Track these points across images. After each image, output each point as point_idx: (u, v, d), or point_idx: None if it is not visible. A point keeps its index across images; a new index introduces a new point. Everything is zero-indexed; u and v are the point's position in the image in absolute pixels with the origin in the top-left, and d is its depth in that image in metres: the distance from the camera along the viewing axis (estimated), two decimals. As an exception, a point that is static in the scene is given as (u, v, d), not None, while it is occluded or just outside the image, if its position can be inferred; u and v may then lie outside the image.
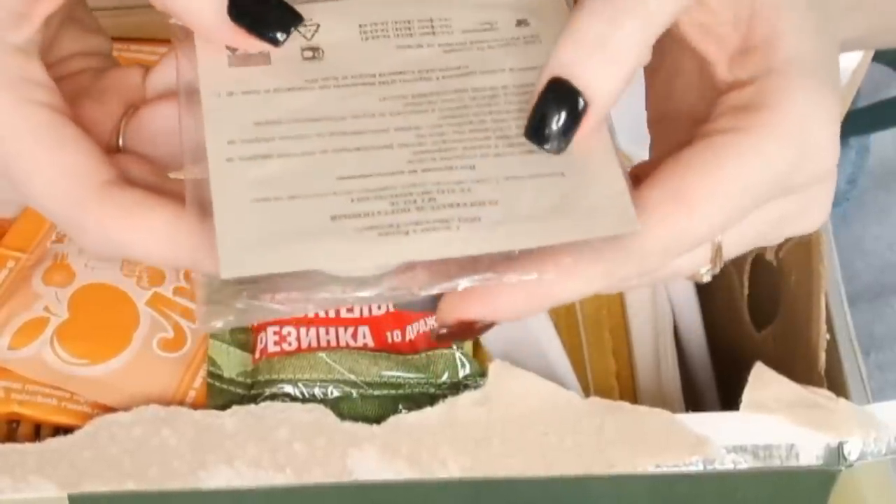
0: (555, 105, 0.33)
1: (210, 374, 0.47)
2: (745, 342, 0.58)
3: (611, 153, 0.34)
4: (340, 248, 0.32)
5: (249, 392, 0.47)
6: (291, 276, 0.33)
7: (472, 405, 0.43)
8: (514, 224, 0.32)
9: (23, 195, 0.35)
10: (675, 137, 0.35)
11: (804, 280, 0.50)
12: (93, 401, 0.46)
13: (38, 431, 0.47)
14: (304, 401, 0.45)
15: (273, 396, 0.46)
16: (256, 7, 0.35)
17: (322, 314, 0.49)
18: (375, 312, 0.49)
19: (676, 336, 0.60)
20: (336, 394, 0.46)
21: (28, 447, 0.42)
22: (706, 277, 0.37)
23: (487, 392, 0.43)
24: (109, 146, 0.37)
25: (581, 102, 0.33)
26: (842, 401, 0.44)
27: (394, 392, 0.47)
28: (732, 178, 0.33)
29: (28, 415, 0.47)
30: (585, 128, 0.33)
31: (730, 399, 0.46)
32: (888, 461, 0.45)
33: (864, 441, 0.43)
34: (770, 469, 0.43)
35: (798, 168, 0.34)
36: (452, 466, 0.42)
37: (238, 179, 0.33)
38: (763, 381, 0.44)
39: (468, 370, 0.47)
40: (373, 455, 0.42)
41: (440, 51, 0.36)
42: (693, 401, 0.60)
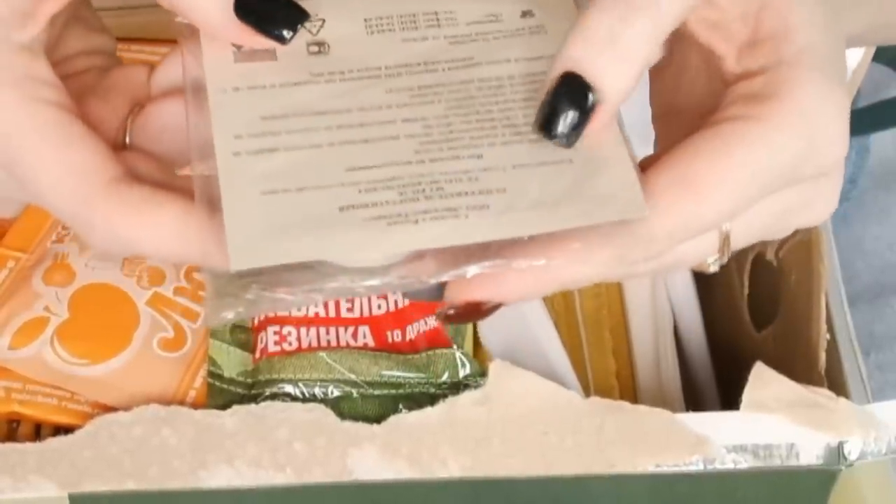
0: (566, 100, 0.33)
1: (210, 374, 0.47)
2: (745, 342, 0.58)
3: (619, 140, 0.34)
4: (349, 238, 0.32)
5: (250, 392, 0.47)
6: (300, 268, 0.33)
7: (473, 405, 0.43)
8: (523, 211, 0.32)
9: (30, 193, 0.35)
10: (681, 132, 0.35)
11: (804, 280, 0.50)
12: (93, 400, 0.46)
13: (39, 431, 0.47)
14: (305, 400, 0.46)
15: (273, 396, 0.46)
16: (263, 5, 0.35)
17: (322, 314, 0.49)
18: (376, 312, 0.49)
19: (676, 336, 0.60)
20: (336, 393, 0.46)
21: (28, 447, 0.42)
22: (713, 267, 0.37)
23: (488, 392, 0.43)
24: (116, 144, 0.37)
25: (592, 99, 0.33)
26: (842, 400, 0.44)
27: (394, 392, 0.47)
28: (741, 166, 0.33)
29: (28, 414, 0.47)
30: (596, 124, 0.33)
31: (730, 399, 0.46)
32: (888, 461, 0.45)
33: (865, 441, 0.43)
34: (770, 469, 0.43)
35: (806, 159, 0.34)
36: (453, 466, 0.42)
37: (246, 173, 0.33)
38: (763, 381, 0.44)
39: (468, 370, 0.47)
40: (373, 455, 0.42)
41: (446, 43, 0.36)
42: (693, 400, 0.60)
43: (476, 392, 0.43)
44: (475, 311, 0.34)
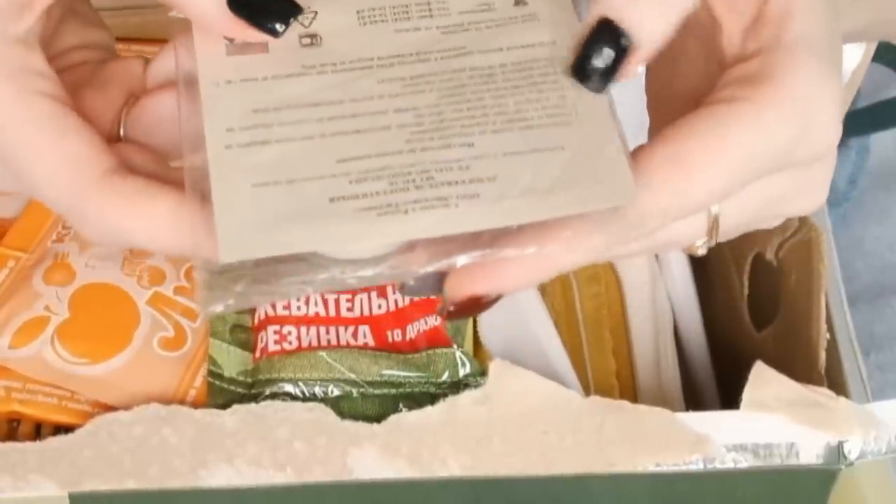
0: (602, 44, 0.34)
1: (210, 374, 0.47)
2: (745, 342, 0.58)
3: (611, 126, 0.34)
4: (339, 229, 0.32)
5: (250, 391, 0.47)
6: (292, 260, 0.33)
7: (473, 404, 0.43)
8: (513, 199, 0.32)
9: (25, 185, 0.35)
10: (676, 118, 0.35)
11: (804, 280, 0.50)
12: (93, 400, 0.46)
13: (39, 430, 0.47)
14: (305, 400, 0.46)
15: (273, 395, 0.46)
16: None
17: (322, 313, 0.49)
18: (376, 312, 0.49)
19: (676, 335, 0.60)
20: (336, 393, 0.46)
21: (29, 446, 0.42)
22: (701, 250, 0.37)
23: (488, 391, 0.43)
24: (110, 136, 0.37)
25: (625, 42, 0.33)
26: (842, 400, 0.44)
27: (394, 391, 0.47)
28: (733, 146, 0.33)
29: (29, 414, 0.47)
30: (629, 67, 0.34)
31: (730, 398, 0.46)
32: (888, 460, 0.45)
33: (865, 440, 0.43)
34: (770, 468, 0.43)
35: (799, 143, 0.34)
36: (453, 465, 0.42)
37: (237, 165, 0.33)
38: (763, 380, 0.44)
39: (468, 369, 0.47)
40: (373, 454, 0.42)
41: (438, 33, 0.36)
42: (693, 400, 0.60)
43: (476, 391, 0.43)
44: (476, 305, 0.34)
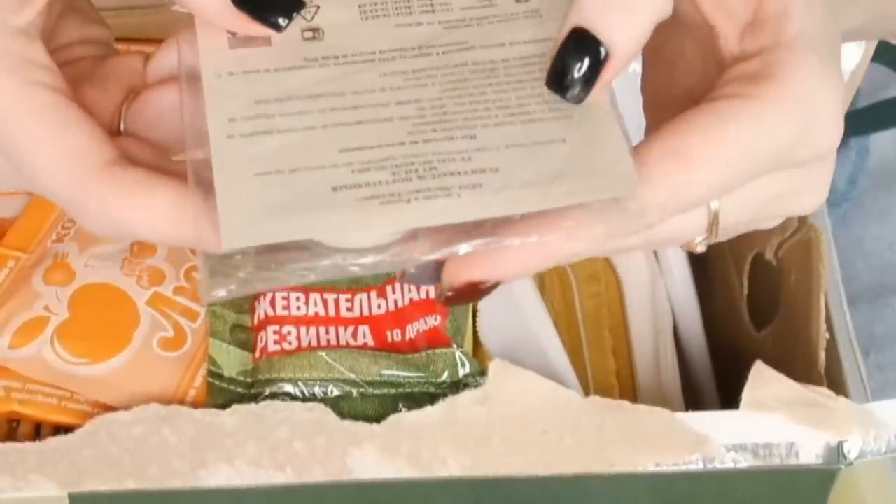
0: (576, 54, 0.34)
1: (210, 374, 0.47)
2: (745, 341, 0.58)
3: (612, 118, 0.34)
4: (342, 218, 0.32)
5: (249, 391, 0.47)
6: (294, 248, 0.33)
7: (472, 404, 0.43)
8: (515, 189, 0.32)
9: (25, 177, 0.35)
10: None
11: (804, 280, 0.50)
12: (93, 400, 0.46)
13: (39, 430, 0.47)
14: (305, 400, 0.46)
15: (273, 395, 0.46)
16: None
17: (322, 313, 0.49)
18: (376, 312, 0.49)
19: (676, 335, 0.61)
20: (336, 393, 0.46)
21: (28, 446, 0.42)
22: (701, 247, 0.37)
23: (487, 391, 0.43)
24: (111, 130, 0.37)
25: (602, 53, 0.33)
26: (842, 399, 0.44)
27: (394, 391, 0.47)
28: (734, 141, 0.33)
29: (28, 414, 0.47)
30: (606, 77, 0.34)
31: (730, 398, 0.46)
32: (888, 460, 0.45)
33: (864, 440, 0.43)
34: (770, 468, 0.43)
35: (800, 142, 0.34)
36: (452, 465, 0.42)
37: (239, 155, 0.33)
38: (763, 380, 0.44)
39: (468, 369, 0.47)
40: (373, 454, 0.42)
41: (440, 28, 0.36)
42: (693, 400, 0.60)
43: (476, 391, 0.43)
44: (474, 291, 0.34)
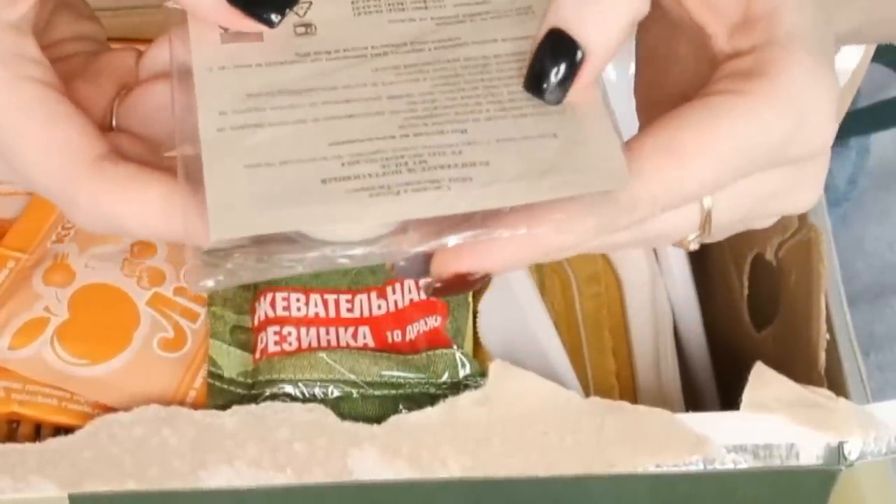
0: (552, 56, 0.34)
1: (210, 374, 0.47)
2: (745, 342, 0.58)
3: (603, 114, 0.34)
4: (331, 209, 0.32)
5: (250, 392, 0.47)
6: (284, 241, 0.33)
7: (473, 405, 0.43)
8: (505, 183, 0.32)
9: (16, 172, 0.35)
10: None
11: (804, 280, 0.50)
12: (93, 401, 0.46)
13: (39, 431, 0.47)
14: (305, 401, 0.45)
15: (273, 396, 0.46)
16: None
17: (322, 314, 0.49)
18: (376, 312, 0.49)
19: (676, 336, 0.61)
20: (336, 394, 0.46)
21: (28, 447, 0.42)
22: (694, 245, 0.37)
23: (488, 392, 0.43)
24: (103, 126, 0.37)
25: (579, 54, 0.33)
26: (842, 400, 0.44)
27: (394, 392, 0.47)
28: (726, 137, 0.33)
29: (28, 415, 0.47)
30: (583, 78, 0.34)
31: (730, 399, 0.46)
32: (888, 461, 0.45)
33: (865, 441, 0.43)
34: (770, 469, 0.43)
35: (793, 139, 0.34)
36: (453, 466, 0.42)
37: (229, 147, 0.33)
38: (763, 381, 0.44)
39: (468, 370, 0.47)
40: (373, 455, 0.42)
41: (433, 24, 0.36)
42: (693, 400, 0.60)
43: (476, 392, 0.43)
44: (462, 283, 0.34)
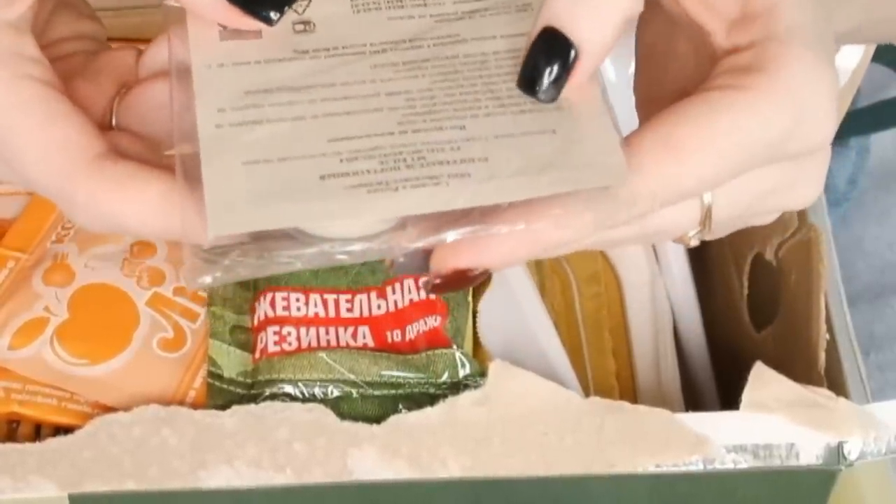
0: (546, 54, 0.34)
1: (210, 374, 0.47)
2: (745, 342, 0.58)
3: (603, 110, 0.34)
4: (330, 205, 0.32)
5: (249, 392, 0.47)
6: (282, 237, 0.33)
7: (472, 405, 0.43)
8: (504, 178, 0.32)
9: (15, 171, 0.35)
10: None
11: (804, 280, 0.50)
12: (93, 401, 0.46)
13: (39, 431, 0.47)
14: (304, 400, 0.45)
15: (273, 396, 0.46)
16: None
17: (322, 314, 0.49)
18: (375, 312, 0.49)
19: (676, 336, 0.61)
20: (336, 393, 0.46)
21: (28, 447, 0.42)
22: (694, 241, 0.37)
23: (487, 392, 0.43)
24: (103, 125, 0.37)
25: (572, 52, 0.33)
26: (842, 400, 0.44)
27: (394, 392, 0.47)
28: (725, 132, 0.33)
29: (28, 415, 0.47)
30: (576, 77, 0.34)
31: (730, 399, 0.46)
32: (888, 461, 0.45)
33: (864, 441, 0.43)
34: (770, 468, 0.43)
35: (793, 135, 0.33)
36: (452, 466, 0.42)
37: (228, 144, 0.33)
38: (763, 381, 0.44)
39: (468, 370, 0.47)
40: (373, 455, 0.42)
41: (432, 21, 0.36)
42: (693, 400, 0.60)
43: (476, 392, 0.43)
44: (461, 279, 0.34)
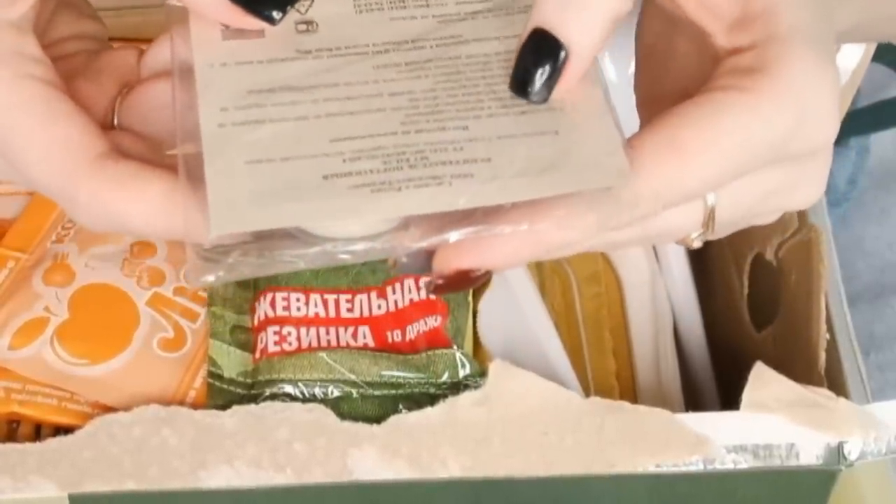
0: (535, 56, 0.34)
1: (210, 374, 0.47)
2: (745, 342, 0.58)
3: (605, 111, 0.34)
4: (332, 205, 0.32)
5: (250, 392, 0.47)
6: (285, 237, 0.33)
7: (473, 405, 0.43)
8: (506, 179, 0.32)
9: (18, 171, 0.35)
10: None
11: (804, 280, 0.50)
12: (93, 401, 0.46)
13: (39, 431, 0.47)
14: (305, 401, 0.45)
15: (273, 396, 0.46)
16: None
17: (322, 314, 0.49)
18: (376, 312, 0.49)
19: (676, 336, 0.61)
20: (336, 393, 0.46)
21: (28, 447, 0.42)
22: (696, 243, 0.37)
23: (487, 392, 0.43)
24: (105, 124, 0.37)
25: (562, 53, 0.33)
26: (842, 400, 0.44)
27: (394, 392, 0.47)
28: (728, 133, 0.33)
29: (28, 415, 0.47)
30: (567, 78, 0.34)
31: (730, 399, 0.46)
32: (888, 461, 0.45)
33: (864, 441, 0.43)
34: (770, 469, 0.43)
35: (795, 135, 0.33)
36: (453, 466, 0.42)
37: (230, 143, 0.33)
38: (763, 381, 0.44)
39: (468, 370, 0.47)
40: (373, 455, 0.42)
41: (434, 22, 0.36)
42: (693, 400, 0.60)
43: (476, 392, 0.43)
44: (464, 280, 0.34)
